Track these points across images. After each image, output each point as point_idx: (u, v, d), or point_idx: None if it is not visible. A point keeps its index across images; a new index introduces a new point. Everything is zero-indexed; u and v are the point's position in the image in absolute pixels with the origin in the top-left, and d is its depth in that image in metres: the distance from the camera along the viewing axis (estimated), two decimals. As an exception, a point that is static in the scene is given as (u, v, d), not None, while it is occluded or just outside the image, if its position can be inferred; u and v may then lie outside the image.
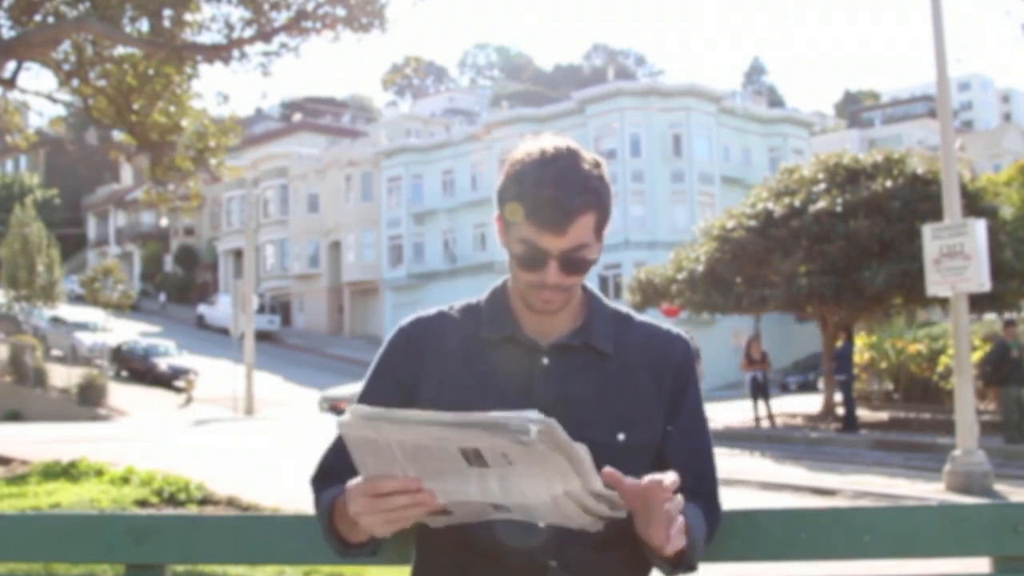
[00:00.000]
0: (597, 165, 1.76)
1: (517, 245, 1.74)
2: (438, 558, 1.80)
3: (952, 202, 11.59)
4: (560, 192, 1.68)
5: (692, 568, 1.74)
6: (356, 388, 15.12)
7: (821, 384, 23.97)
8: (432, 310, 1.91)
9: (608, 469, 1.54)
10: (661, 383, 1.83)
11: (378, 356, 1.89)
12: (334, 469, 1.83)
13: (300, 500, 9.31)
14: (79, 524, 2.18)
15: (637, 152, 43.84)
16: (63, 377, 31.14)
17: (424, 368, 1.83)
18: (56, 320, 40.23)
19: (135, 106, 11.84)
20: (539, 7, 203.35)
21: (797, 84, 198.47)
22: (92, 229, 71.22)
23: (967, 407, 11.26)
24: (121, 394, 32.13)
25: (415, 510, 1.52)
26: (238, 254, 55.40)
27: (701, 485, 1.84)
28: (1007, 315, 18.48)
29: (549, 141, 1.76)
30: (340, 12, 10.61)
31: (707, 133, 45.22)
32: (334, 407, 26.81)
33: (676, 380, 1.85)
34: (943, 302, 15.25)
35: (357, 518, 1.55)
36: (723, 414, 19.84)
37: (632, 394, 1.81)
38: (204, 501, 8.97)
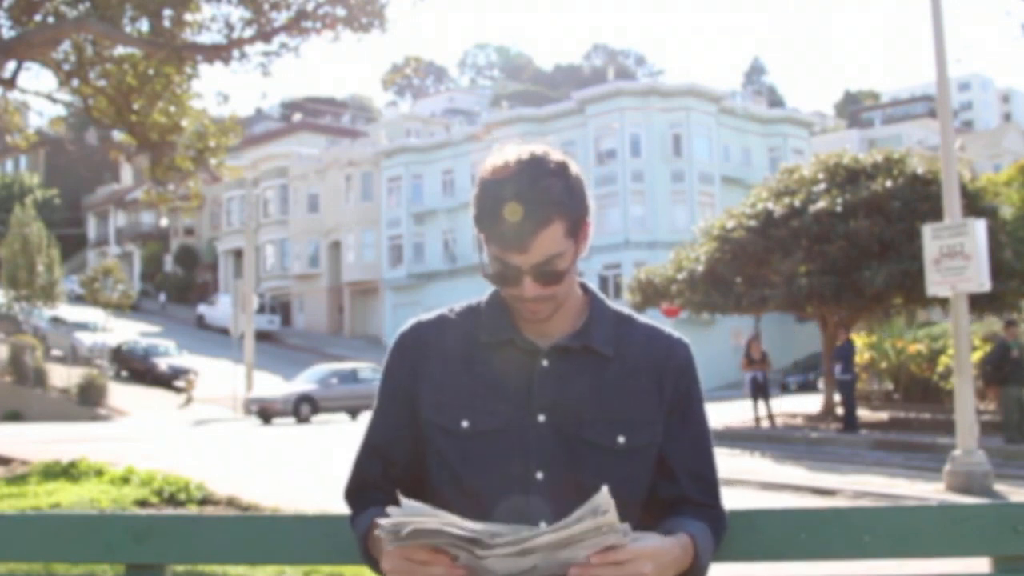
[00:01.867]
0: (563, 168, 1.73)
1: (492, 263, 1.75)
2: None
3: (952, 202, 11.59)
4: (517, 211, 1.67)
5: None
6: (284, 389, 15.06)
7: (821, 384, 23.96)
8: (433, 313, 1.92)
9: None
10: (662, 386, 1.83)
11: (382, 370, 1.92)
12: (368, 479, 1.88)
13: (300, 500, 9.34)
14: (79, 524, 2.18)
15: (637, 152, 43.84)
16: (63, 377, 31.15)
17: (423, 370, 1.84)
18: (56, 320, 40.24)
19: (135, 106, 11.84)
20: (539, 7, 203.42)
21: (797, 84, 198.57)
22: (92, 229, 71.21)
23: (967, 407, 11.26)
24: (121, 394, 32.15)
25: None
26: (238, 254, 55.39)
27: (706, 492, 1.85)
28: (1007, 315, 18.45)
29: (512, 153, 1.74)
30: (340, 12, 10.61)
31: (707, 133, 45.23)
32: (262, 410, 25.87)
33: (678, 385, 1.85)
34: (943, 302, 15.24)
35: (388, 574, 1.61)
36: (723, 414, 19.83)
37: (632, 396, 1.81)
38: (204, 501, 8.97)
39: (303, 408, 26.04)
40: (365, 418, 26.34)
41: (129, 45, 11.37)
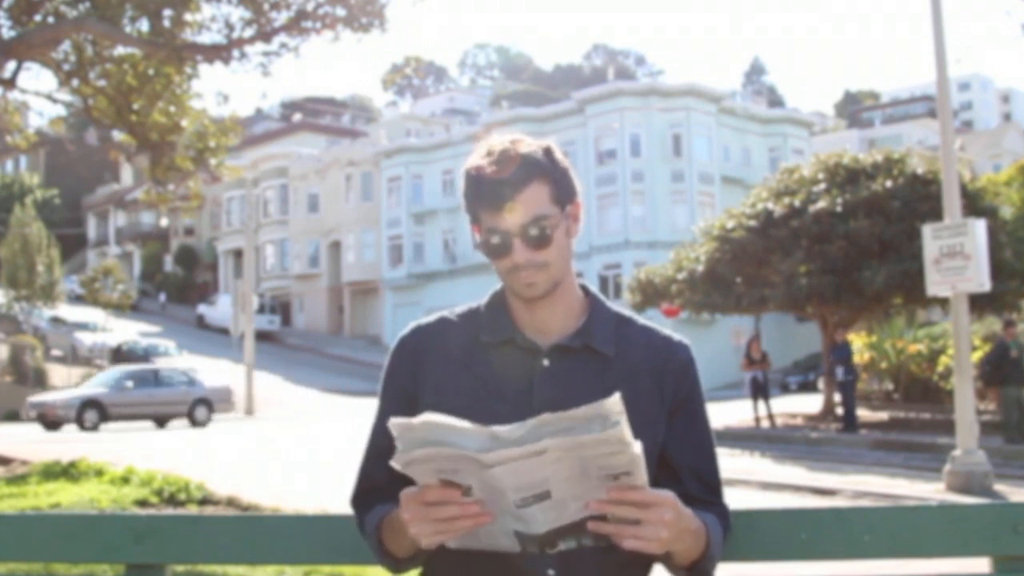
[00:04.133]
0: (545, 147, 1.80)
1: (484, 235, 1.78)
2: (443, 564, 1.79)
3: (952, 202, 11.59)
4: (500, 170, 1.73)
5: None
6: (67, 393, 14.68)
7: (821, 384, 23.96)
8: (432, 316, 1.93)
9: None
10: (663, 388, 1.83)
11: (383, 374, 1.91)
12: (375, 484, 1.86)
13: (300, 500, 9.32)
14: (79, 524, 2.18)
15: (637, 152, 43.83)
16: (63, 377, 31.18)
17: (424, 374, 1.84)
18: (56, 320, 40.29)
19: (135, 106, 11.84)
20: (539, 7, 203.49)
21: (797, 84, 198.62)
22: (92, 229, 71.20)
23: (967, 407, 11.26)
24: (121, 394, 32.06)
25: (463, 522, 1.56)
26: (238, 254, 55.38)
27: (711, 492, 1.86)
28: (1006, 315, 18.44)
29: (495, 139, 1.80)
30: (340, 12, 10.61)
31: (707, 133, 45.21)
32: (42, 415, 22.84)
33: (679, 386, 1.85)
34: (943, 302, 15.24)
35: (407, 525, 1.60)
36: (723, 414, 19.82)
37: (633, 397, 1.79)
38: (204, 501, 8.96)
39: (88, 415, 22.50)
40: (173, 425, 24.84)
41: (129, 45, 11.37)
